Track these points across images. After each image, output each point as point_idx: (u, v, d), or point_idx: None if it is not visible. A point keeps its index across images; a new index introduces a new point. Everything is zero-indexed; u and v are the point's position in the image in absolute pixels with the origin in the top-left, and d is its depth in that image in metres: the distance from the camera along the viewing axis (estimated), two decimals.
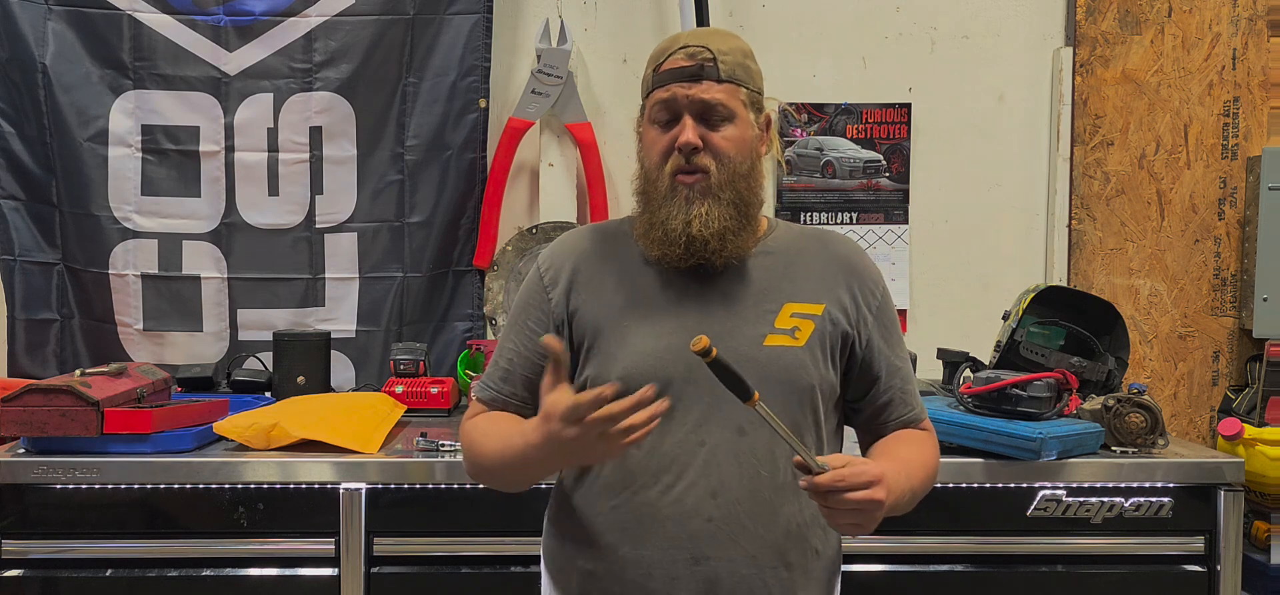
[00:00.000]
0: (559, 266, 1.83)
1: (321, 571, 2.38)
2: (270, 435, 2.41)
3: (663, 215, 1.74)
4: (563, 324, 1.79)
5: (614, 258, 1.82)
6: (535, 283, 1.84)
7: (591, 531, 1.75)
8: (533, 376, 1.79)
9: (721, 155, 1.73)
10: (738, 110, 1.74)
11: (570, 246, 1.86)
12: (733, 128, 1.74)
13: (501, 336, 1.88)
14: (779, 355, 1.73)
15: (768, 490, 1.71)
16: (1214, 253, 3.26)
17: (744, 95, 1.75)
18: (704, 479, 1.70)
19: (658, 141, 1.76)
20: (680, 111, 1.74)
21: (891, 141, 3.27)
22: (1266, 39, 3.23)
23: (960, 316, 3.25)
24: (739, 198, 1.74)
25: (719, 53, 1.74)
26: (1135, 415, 2.46)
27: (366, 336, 3.21)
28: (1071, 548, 2.42)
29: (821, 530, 1.78)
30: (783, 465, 1.72)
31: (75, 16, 3.08)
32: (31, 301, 3.15)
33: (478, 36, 3.16)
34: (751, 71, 1.78)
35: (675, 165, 1.73)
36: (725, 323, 1.74)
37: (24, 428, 2.32)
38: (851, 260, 1.84)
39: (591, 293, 1.79)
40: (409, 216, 3.19)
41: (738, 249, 1.76)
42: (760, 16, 3.26)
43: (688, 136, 1.71)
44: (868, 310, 1.81)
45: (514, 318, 1.85)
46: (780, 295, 1.77)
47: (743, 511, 1.70)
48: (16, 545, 2.37)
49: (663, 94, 1.75)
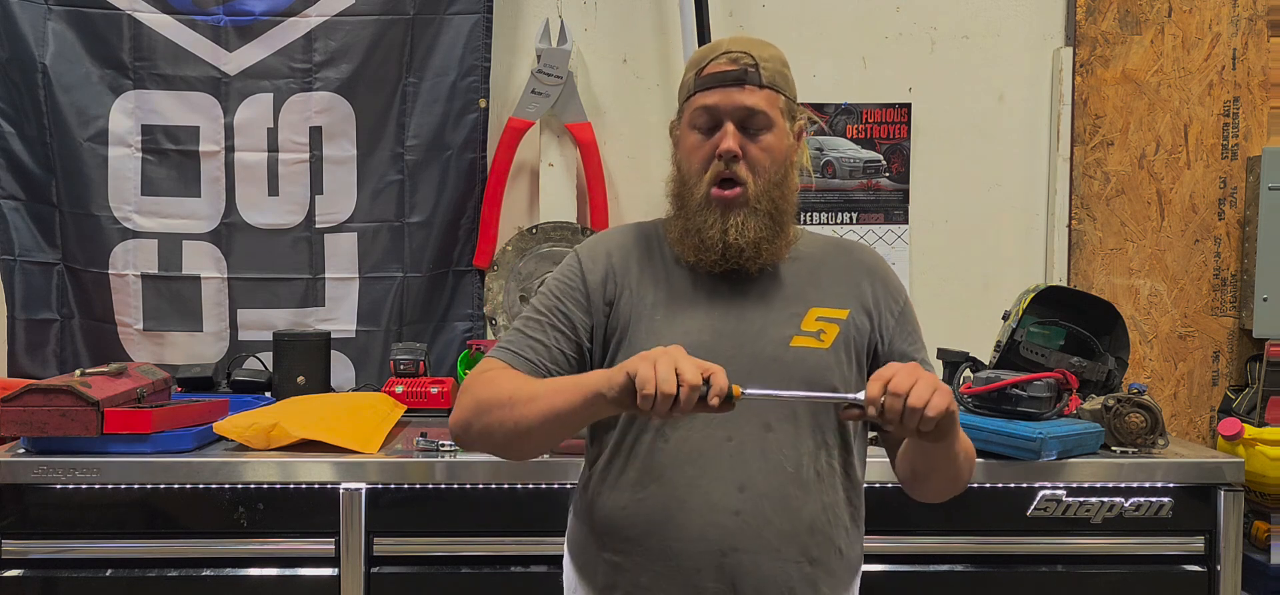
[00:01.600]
0: (599, 257, 1.84)
1: (321, 571, 2.38)
2: (270, 435, 2.41)
3: (698, 223, 1.76)
4: (600, 313, 1.81)
5: (649, 256, 1.84)
6: (574, 270, 1.84)
7: (618, 523, 1.76)
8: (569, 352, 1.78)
9: (758, 166, 1.75)
10: (776, 119, 1.76)
11: (610, 241, 1.88)
12: (770, 136, 1.76)
13: (531, 313, 1.82)
14: (804, 356, 1.76)
15: (793, 486, 1.73)
16: (1214, 253, 3.26)
17: (782, 103, 1.78)
18: (731, 473, 1.72)
19: (698, 148, 1.77)
20: (722, 119, 1.75)
21: (891, 141, 3.27)
22: (1266, 39, 3.23)
23: (960, 316, 3.25)
24: (775, 207, 1.77)
25: (761, 59, 1.76)
26: (1135, 415, 2.46)
27: (366, 336, 3.21)
28: (1071, 548, 2.42)
29: (845, 530, 1.79)
30: (807, 462, 1.74)
31: (75, 16, 3.08)
32: (31, 301, 3.15)
33: (478, 36, 3.16)
34: (788, 79, 1.81)
35: (715, 174, 1.75)
36: (753, 323, 1.77)
37: (24, 428, 2.32)
38: (875, 268, 1.88)
39: (627, 287, 1.81)
40: (409, 216, 3.19)
41: (772, 256, 1.79)
42: (760, 16, 3.26)
43: (729, 143, 1.73)
44: (890, 315, 1.84)
45: (549, 300, 1.82)
46: (806, 299, 1.80)
47: (768, 506, 1.72)
48: (16, 545, 2.37)
49: (706, 98, 1.76)
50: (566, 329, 1.80)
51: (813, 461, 1.75)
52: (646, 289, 1.81)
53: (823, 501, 1.75)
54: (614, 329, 1.80)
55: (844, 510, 1.80)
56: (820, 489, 1.75)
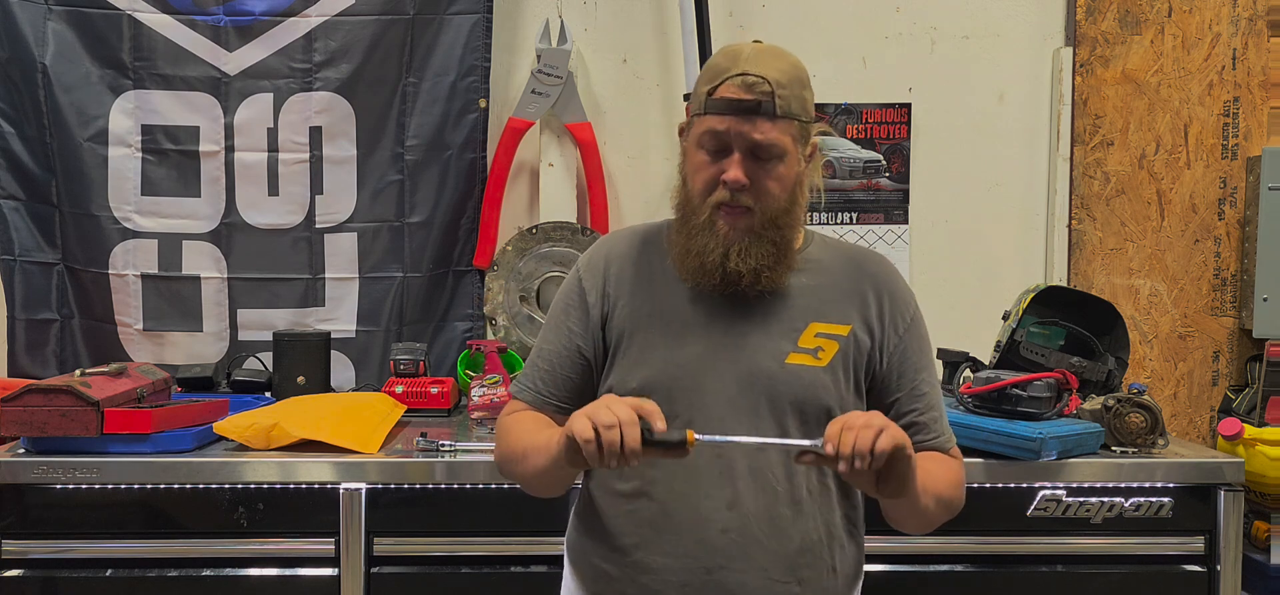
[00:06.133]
0: (597, 269, 1.83)
1: (321, 571, 2.38)
2: (270, 435, 2.41)
3: (699, 244, 1.72)
4: (599, 326, 1.80)
5: (648, 266, 1.81)
6: (574, 285, 1.85)
7: (610, 532, 1.76)
8: (575, 377, 1.81)
9: (766, 195, 1.70)
10: (788, 148, 1.70)
11: (609, 250, 1.86)
12: (781, 166, 1.70)
13: (541, 337, 1.88)
14: (800, 374, 1.73)
15: (785, 506, 1.71)
16: (1214, 253, 3.26)
17: (796, 129, 1.71)
18: (720, 490, 1.70)
19: (703, 169, 1.72)
20: (730, 145, 1.69)
21: (891, 141, 3.27)
22: (1266, 39, 3.23)
23: (960, 316, 3.25)
24: (780, 235, 1.73)
25: (778, 86, 1.68)
26: (1135, 415, 2.46)
27: (366, 336, 3.21)
28: (1071, 548, 2.42)
29: (841, 547, 1.78)
30: (799, 482, 1.72)
31: (75, 16, 3.08)
32: (31, 301, 3.15)
33: (478, 36, 3.16)
34: (806, 102, 1.74)
35: (719, 198, 1.70)
36: (750, 338, 1.74)
37: (24, 428, 2.32)
38: (884, 281, 1.83)
39: (624, 298, 1.79)
40: (409, 216, 3.19)
41: (771, 282, 1.74)
42: (760, 16, 3.26)
43: (736, 174, 1.68)
44: (895, 332, 1.80)
45: (554, 318, 1.86)
46: (808, 314, 1.76)
47: (757, 526, 1.70)
48: (16, 545, 2.37)
49: (716, 124, 1.69)
50: (568, 350, 1.81)
51: (805, 480, 1.72)
52: (643, 302, 1.78)
53: (816, 521, 1.73)
54: (611, 342, 1.79)
55: (840, 527, 1.78)
56: (814, 508, 1.73)
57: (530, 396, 1.85)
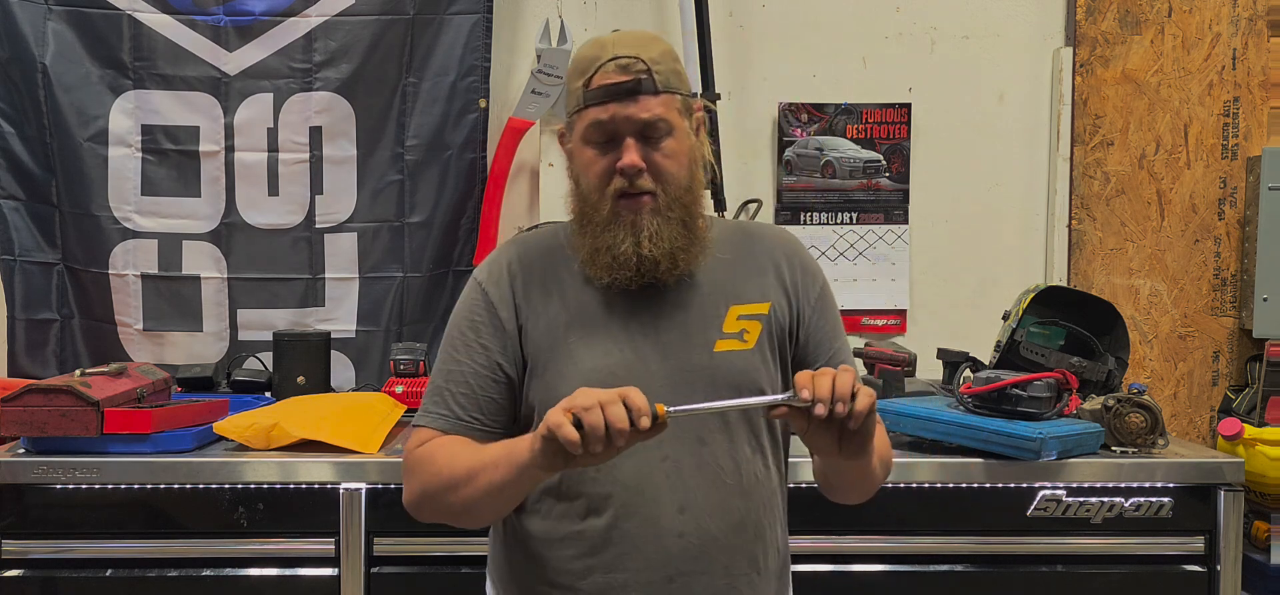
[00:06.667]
0: (501, 281, 1.74)
1: (321, 571, 2.38)
2: (270, 435, 2.41)
3: (608, 240, 1.66)
4: (517, 338, 1.71)
5: (554, 273, 1.74)
6: (479, 299, 1.74)
7: (556, 561, 1.68)
8: (499, 397, 1.71)
9: (664, 175, 1.66)
10: (675, 122, 1.66)
11: (508, 260, 1.77)
12: (672, 141, 1.66)
13: (443, 362, 1.74)
14: (731, 360, 1.69)
15: (734, 496, 1.69)
16: (1214, 253, 3.26)
17: (679, 102, 1.68)
18: (670, 494, 1.66)
19: (595, 163, 1.66)
20: (618, 132, 1.64)
21: (891, 141, 3.27)
22: (1266, 39, 3.23)
23: (960, 316, 3.25)
24: (687, 213, 1.68)
25: (652, 62, 1.64)
26: (1135, 415, 2.46)
27: (366, 336, 3.21)
28: (1071, 548, 2.42)
29: (782, 527, 1.78)
30: (745, 467, 1.69)
31: (75, 16, 3.08)
32: (31, 301, 3.15)
33: (477, 36, 3.16)
34: (682, 76, 1.71)
35: (618, 188, 1.65)
36: (675, 334, 1.70)
37: (24, 428, 2.32)
38: (790, 253, 1.80)
39: (534, 311, 1.72)
40: (409, 216, 3.19)
41: (687, 263, 1.70)
42: (760, 16, 3.26)
43: (632, 159, 1.63)
44: (807, 302, 1.77)
45: (460, 338, 1.73)
46: (726, 297, 1.73)
47: (711, 523, 1.67)
48: (16, 545, 2.37)
49: (599, 114, 1.64)
50: (487, 367, 1.70)
51: (750, 466, 1.70)
52: (557, 312, 1.71)
53: (756, 500, 1.71)
54: (528, 356, 1.71)
55: (779, 507, 1.77)
56: (758, 491, 1.71)
57: (446, 424, 1.70)
